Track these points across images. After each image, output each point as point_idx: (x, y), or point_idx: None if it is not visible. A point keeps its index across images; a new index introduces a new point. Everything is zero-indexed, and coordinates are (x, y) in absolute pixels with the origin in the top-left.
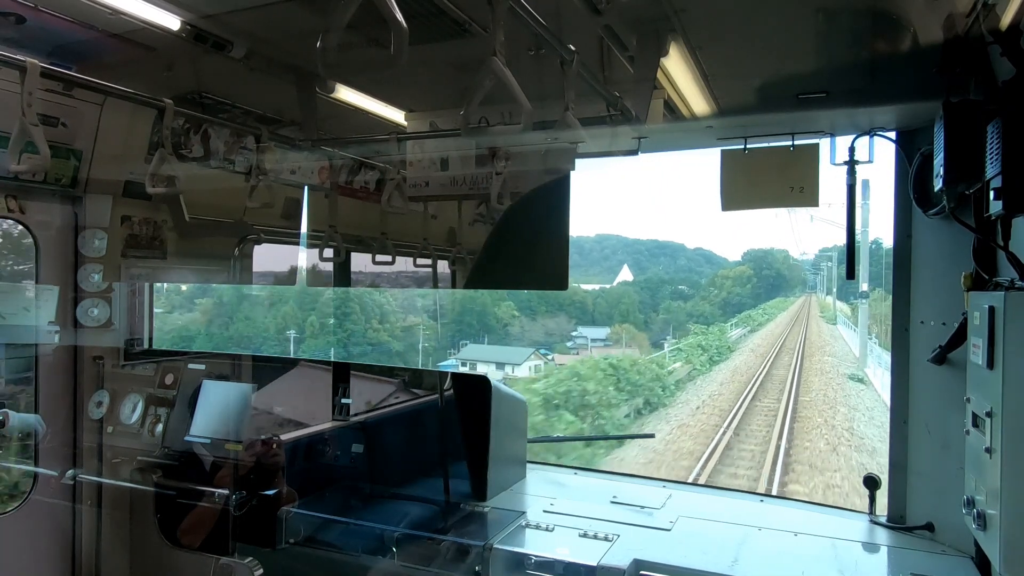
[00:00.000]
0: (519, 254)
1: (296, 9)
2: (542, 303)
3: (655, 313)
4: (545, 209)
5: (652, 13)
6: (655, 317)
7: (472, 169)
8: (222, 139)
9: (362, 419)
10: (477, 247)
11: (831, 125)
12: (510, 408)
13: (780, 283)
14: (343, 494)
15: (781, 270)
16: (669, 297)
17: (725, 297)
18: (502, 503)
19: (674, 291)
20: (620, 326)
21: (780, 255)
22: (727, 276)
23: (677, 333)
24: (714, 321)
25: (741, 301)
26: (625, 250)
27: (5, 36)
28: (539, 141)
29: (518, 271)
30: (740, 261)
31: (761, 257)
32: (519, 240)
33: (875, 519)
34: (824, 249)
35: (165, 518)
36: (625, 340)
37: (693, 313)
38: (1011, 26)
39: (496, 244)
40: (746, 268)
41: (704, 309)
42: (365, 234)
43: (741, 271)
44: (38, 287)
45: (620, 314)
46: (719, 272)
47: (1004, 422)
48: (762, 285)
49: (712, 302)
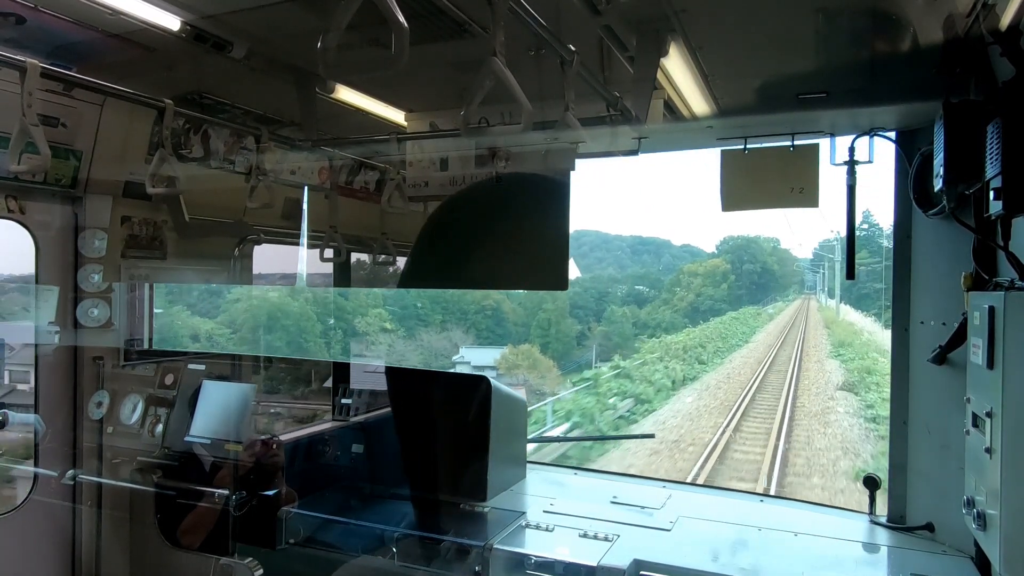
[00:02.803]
0: (519, 254)
1: (296, 9)
2: (437, 309)
3: (596, 323)
4: (545, 209)
5: (652, 13)
6: (593, 330)
7: (472, 169)
8: (222, 139)
9: (362, 419)
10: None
11: (831, 125)
12: (510, 408)
13: (768, 281)
14: (343, 494)
15: (770, 264)
16: (620, 301)
17: (693, 300)
18: (502, 503)
19: (630, 293)
20: (516, 348)
21: (767, 245)
22: (695, 272)
23: (619, 352)
24: (681, 328)
25: (714, 306)
26: (604, 247)
27: (5, 36)
28: (539, 141)
29: (518, 271)
30: (715, 253)
31: (742, 247)
32: (519, 240)
33: (875, 519)
34: (825, 242)
35: (165, 518)
36: (525, 366)
37: (649, 323)
38: (1011, 26)
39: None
40: (721, 262)
41: (664, 317)
42: (365, 234)
43: (714, 266)
44: (38, 287)
45: (539, 325)
46: (684, 267)
47: (1004, 422)
48: (743, 284)
49: (676, 307)
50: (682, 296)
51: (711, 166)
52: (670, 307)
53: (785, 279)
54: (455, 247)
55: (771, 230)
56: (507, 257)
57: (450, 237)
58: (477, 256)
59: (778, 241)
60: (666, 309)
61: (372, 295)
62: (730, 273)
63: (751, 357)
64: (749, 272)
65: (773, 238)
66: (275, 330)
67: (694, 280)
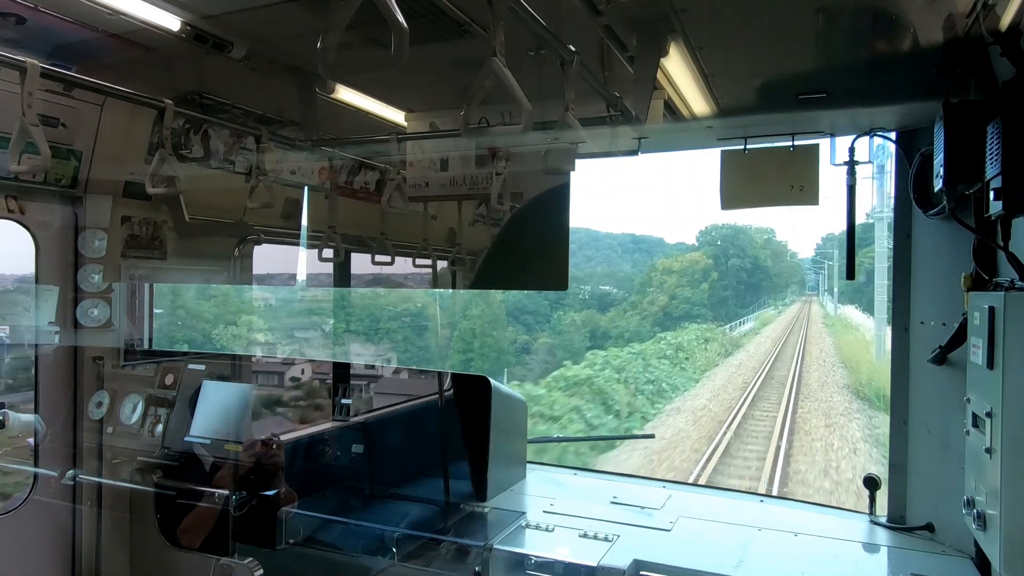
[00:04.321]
0: (519, 254)
1: (296, 9)
2: (341, 315)
3: (541, 332)
4: (545, 209)
5: (652, 13)
6: (534, 342)
7: (472, 169)
8: (222, 139)
9: (362, 419)
10: (477, 247)
11: (831, 125)
12: (510, 408)
13: (760, 280)
14: (343, 494)
15: (762, 259)
16: (581, 304)
17: (666, 304)
18: (502, 503)
19: (594, 294)
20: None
21: (759, 236)
22: (670, 269)
23: (565, 366)
24: (648, 339)
25: (690, 310)
26: (593, 245)
27: (5, 36)
28: (539, 141)
29: (519, 271)
30: (695, 246)
31: (728, 238)
32: (519, 240)
33: (875, 519)
34: (829, 237)
35: (165, 518)
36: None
37: (611, 331)
38: (1011, 26)
39: (496, 244)
40: (701, 256)
41: (629, 324)
42: (365, 234)
43: (692, 261)
44: (38, 287)
45: (461, 338)
46: (658, 263)
47: (1004, 422)
48: (728, 283)
49: (645, 312)
50: (652, 298)
51: (708, 161)
52: (638, 311)
53: (781, 277)
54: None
55: (766, 219)
56: (507, 257)
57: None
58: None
59: (773, 232)
60: (634, 314)
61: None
62: (712, 269)
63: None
64: (736, 269)
65: (767, 228)
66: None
67: (668, 278)
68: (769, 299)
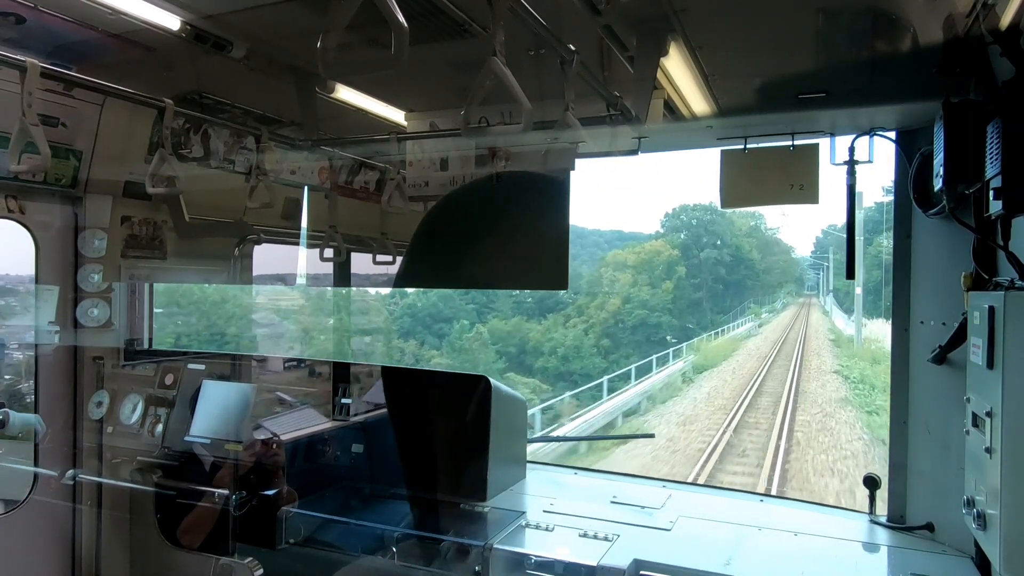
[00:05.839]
0: (519, 254)
1: (296, 9)
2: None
3: (434, 350)
4: (545, 209)
5: (652, 13)
6: (423, 363)
7: (472, 169)
8: (222, 139)
9: (362, 419)
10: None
11: (831, 125)
12: (510, 408)
13: (744, 278)
14: (343, 494)
15: (745, 250)
16: (512, 311)
17: (617, 309)
18: (502, 503)
19: (532, 294)
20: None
21: (743, 222)
22: (624, 264)
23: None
24: (589, 356)
25: (647, 318)
26: (578, 242)
27: (5, 36)
28: (539, 141)
29: (518, 271)
30: (660, 232)
31: (704, 224)
32: (519, 240)
33: (875, 519)
34: (830, 228)
35: (165, 518)
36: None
37: (542, 348)
38: (1011, 26)
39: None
40: (663, 245)
41: (565, 337)
42: (365, 234)
43: (653, 252)
44: (38, 287)
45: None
46: (606, 257)
47: (1004, 422)
48: (701, 281)
49: (590, 320)
50: (601, 302)
51: (704, 158)
52: (584, 320)
53: (772, 275)
54: (453, 246)
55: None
56: (506, 256)
57: (448, 236)
58: (475, 255)
59: (762, 219)
60: (577, 322)
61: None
62: (679, 263)
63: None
64: (712, 262)
65: (753, 213)
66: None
67: (621, 275)
68: (753, 302)
